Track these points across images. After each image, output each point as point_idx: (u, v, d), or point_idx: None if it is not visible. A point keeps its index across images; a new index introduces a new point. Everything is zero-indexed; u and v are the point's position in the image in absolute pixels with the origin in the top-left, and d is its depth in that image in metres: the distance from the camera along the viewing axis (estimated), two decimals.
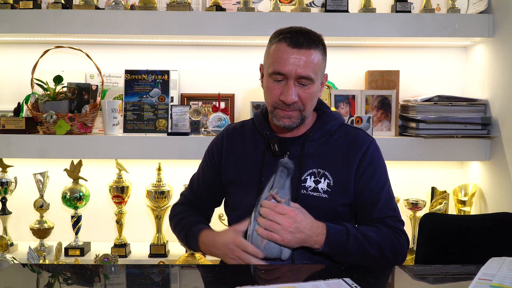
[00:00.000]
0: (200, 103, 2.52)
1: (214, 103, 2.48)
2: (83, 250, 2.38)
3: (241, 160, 1.54)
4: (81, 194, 2.37)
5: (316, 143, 1.49)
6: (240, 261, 1.34)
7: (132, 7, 2.35)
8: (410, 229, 2.48)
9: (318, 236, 1.34)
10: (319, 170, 1.45)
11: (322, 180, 1.44)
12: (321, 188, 1.44)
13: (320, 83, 1.48)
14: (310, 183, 1.44)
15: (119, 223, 2.42)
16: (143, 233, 2.56)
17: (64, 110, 2.26)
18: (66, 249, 2.37)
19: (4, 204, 2.41)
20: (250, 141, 1.56)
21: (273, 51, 1.43)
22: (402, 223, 1.48)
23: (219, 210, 1.75)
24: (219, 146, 1.61)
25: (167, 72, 2.35)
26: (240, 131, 1.60)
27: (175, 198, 2.28)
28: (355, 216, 1.53)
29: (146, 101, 2.33)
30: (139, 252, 2.44)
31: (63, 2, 2.33)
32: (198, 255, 2.34)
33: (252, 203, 1.44)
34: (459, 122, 2.27)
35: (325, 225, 1.36)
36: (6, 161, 2.39)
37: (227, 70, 2.56)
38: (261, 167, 1.49)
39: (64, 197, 2.37)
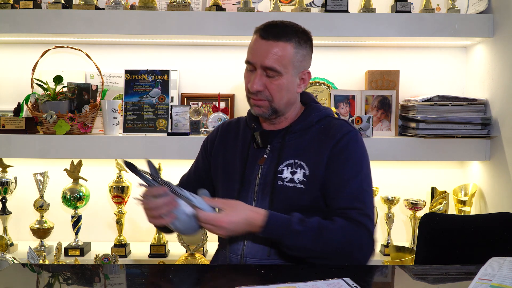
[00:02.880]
0: (200, 103, 2.52)
1: (214, 103, 2.48)
2: (83, 250, 2.38)
3: (230, 152, 1.56)
4: (81, 194, 2.37)
5: (296, 135, 1.49)
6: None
7: (132, 7, 2.35)
8: (410, 229, 2.49)
9: (255, 229, 1.34)
10: (295, 161, 1.45)
11: (298, 170, 1.44)
12: (297, 179, 1.43)
13: (295, 77, 1.45)
14: (286, 174, 1.44)
15: (119, 223, 2.42)
16: (143, 233, 2.57)
17: (64, 110, 2.26)
18: (66, 249, 2.38)
19: (4, 204, 2.41)
20: (242, 134, 1.59)
21: (250, 42, 1.48)
22: (370, 219, 1.38)
23: None
24: (213, 138, 1.64)
25: (167, 72, 2.35)
26: (235, 126, 1.62)
27: None
28: None
29: (146, 101, 2.33)
30: (139, 252, 2.45)
31: (63, 2, 2.33)
32: (198, 255, 2.34)
33: (235, 197, 1.46)
34: (459, 122, 2.27)
35: (266, 218, 1.32)
36: (6, 161, 2.39)
37: (227, 70, 2.55)
38: (245, 160, 1.51)
39: (64, 197, 2.38)
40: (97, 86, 2.39)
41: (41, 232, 2.37)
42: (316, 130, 1.48)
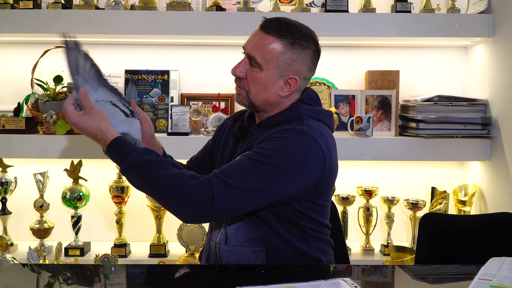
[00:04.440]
0: (200, 103, 2.52)
1: (214, 103, 2.48)
2: (83, 250, 2.38)
3: (227, 142, 1.56)
4: (81, 194, 2.37)
5: (264, 130, 1.44)
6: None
7: (132, 7, 2.35)
8: (410, 229, 2.49)
9: (101, 145, 1.36)
10: (247, 152, 1.40)
11: None
12: None
13: (278, 78, 1.39)
14: None
15: (119, 223, 2.42)
16: (143, 233, 2.56)
17: None
18: (66, 249, 2.38)
19: (4, 204, 2.41)
20: None
21: None
22: (223, 184, 1.25)
23: None
24: (225, 123, 1.65)
25: (167, 72, 2.35)
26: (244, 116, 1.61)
27: None
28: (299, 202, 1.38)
29: (146, 101, 2.33)
30: (139, 252, 2.45)
31: (63, 2, 2.33)
32: (198, 255, 2.34)
33: None
34: (459, 122, 2.27)
35: (108, 143, 1.32)
36: (6, 161, 2.39)
37: (227, 70, 2.51)
38: (232, 152, 1.51)
39: (64, 197, 2.38)
40: None
41: (41, 232, 2.37)
42: (278, 128, 1.40)
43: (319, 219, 1.43)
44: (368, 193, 2.44)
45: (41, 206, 2.37)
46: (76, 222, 2.40)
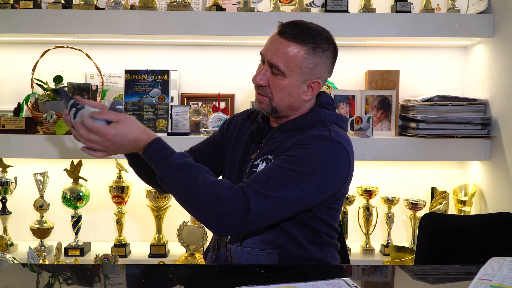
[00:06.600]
0: (200, 103, 2.52)
1: (214, 103, 2.48)
2: (83, 250, 2.38)
3: (239, 141, 1.56)
4: (81, 194, 2.37)
5: (286, 134, 1.44)
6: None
7: (132, 7, 2.35)
8: (410, 229, 2.49)
9: (138, 149, 1.31)
10: (269, 156, 1.42)
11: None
12: None
13: (301, 83, 1.39)
14: (261, 167, 1.42)
15: (119, 223, 2.42)
16: (143, 233, 2.57)
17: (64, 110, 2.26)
18: (66, 249, 2.38)
19: (4, 204, 2.41)
20: (252, 127, 1.57)
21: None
22: (257, 194, 1.23)
23: None
24: (234, 120, 1.64)
25: (167, 72, 2.35)
26: (254, 116, 1.60)
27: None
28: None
29: (146, 101, 2.33)
30: (139, 252, 2.45)
31: (63, 2, 2.33)
32: (198, 255, 2.34)
33: None
34: (459, 122, 2.27)
35: (149, 141, 1.29)
36: (6, 161, 2.39)
37: (227, 70, 2.55)
38: (246, 152, 1.50)
39: (64, 197, 2.38)
40: (97, 86, 2.39)
41: (41, 232, 2.37)
42: (303, 132, 1.41)
43: (332, 224, 1.45)
44: (368, 193, 2.44)
45: (41, 206, 2.37)
46: (76, 222, 2.40)
